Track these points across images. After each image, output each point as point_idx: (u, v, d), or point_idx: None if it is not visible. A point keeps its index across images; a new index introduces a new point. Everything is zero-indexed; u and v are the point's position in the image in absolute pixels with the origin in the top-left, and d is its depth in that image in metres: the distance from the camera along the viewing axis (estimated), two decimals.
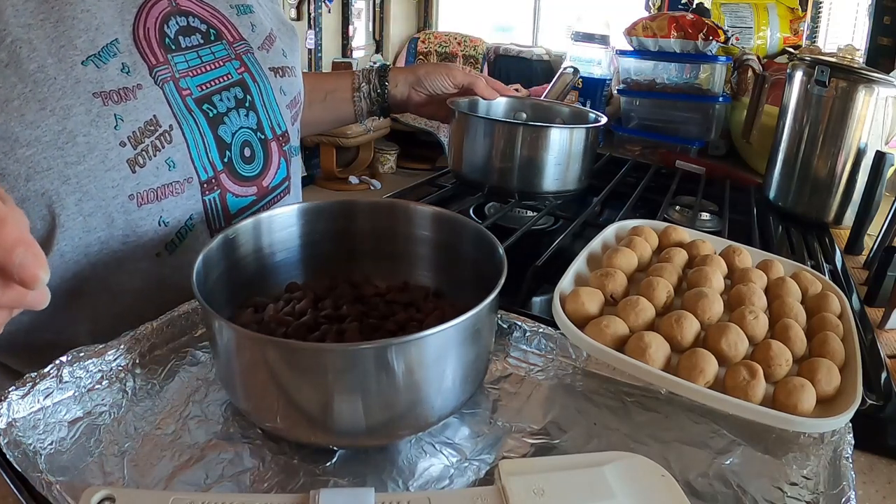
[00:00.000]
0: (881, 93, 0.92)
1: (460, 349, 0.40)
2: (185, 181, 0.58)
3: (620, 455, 0.40)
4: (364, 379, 0.37)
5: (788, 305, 0.53)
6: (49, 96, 0.49)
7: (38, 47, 0.49)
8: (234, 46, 0.65)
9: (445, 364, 0.39)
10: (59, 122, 0.50)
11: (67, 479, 0.37)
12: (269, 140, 0.67)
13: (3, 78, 0.48)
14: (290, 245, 0.55)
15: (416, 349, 0.38)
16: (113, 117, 0.52)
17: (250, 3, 0.70)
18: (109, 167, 0.52)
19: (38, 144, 0.49)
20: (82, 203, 0.53)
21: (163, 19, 0.58)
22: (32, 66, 0.49)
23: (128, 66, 0.54)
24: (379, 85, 0.91)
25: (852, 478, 0.39)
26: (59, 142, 0.50)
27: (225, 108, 0.62)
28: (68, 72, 0.50)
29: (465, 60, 4.49)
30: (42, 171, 0.50)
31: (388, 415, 0.39)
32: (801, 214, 1.03)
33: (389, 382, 0.38)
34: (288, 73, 0.72)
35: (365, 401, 0.38)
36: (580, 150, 0.90)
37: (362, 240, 0.57)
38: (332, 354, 0.38)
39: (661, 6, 2.22)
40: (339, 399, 0.38)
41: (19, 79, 0.48)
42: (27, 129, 0.49)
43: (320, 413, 0.38)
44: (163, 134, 0.55)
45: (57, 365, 0.43)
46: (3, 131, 0.48)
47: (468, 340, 0.40)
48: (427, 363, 0.38)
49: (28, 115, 0.49)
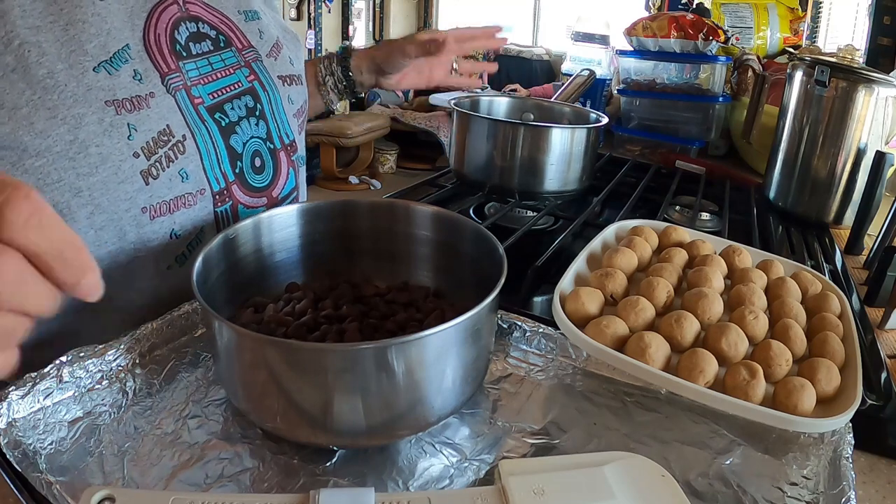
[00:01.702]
0: (881, 93, 0.92)
1: (460, 349, 0.40)
2: (197, 193, 0.56)
3: (620, 455, 0.40)
4: (364, 379, 0.37)
5: (788, 305, 0.53)
6: (59, 104, 0.47)
7: (48, 51, 0.47)
8: (243, 54, 0.64)
9: (445, 364, 0.39)
10: (71, 131, 0.48)
11: (67, 478, 0.37)
12: (278, 150, 0.66)
13: (11, 84, 0.46)
14: (290, 245, 0.55)
15: (415, 349, 0.38)
16: (126, 127, 0.50)
17: (257, 10, 0.69)
18: (122, 179, 0.51)
19: (49, 154, 0.47)
20: (94, 216, 0.51)
21: (173, 25, 0.57)
22: (42, 72, 0.47)
23: (140, 73, 0.52)
24: (344, 77, 0.88)
25: (852, 478, 0.39)
26: (71, 152, 0.48)
27: (237, 117, 0.61)
28: (79, 78, 0.48)
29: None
30: (52, 183, 0.48)
31: (388, 415, 0.39)
32: (801, 214, 1.03)
33: (389, 382, 0.38)
34: (295, 81, 0.71)
35: (365, 401, 0.38)
36: (581, 150, 0.90)
37: (362, 239, 0.57)
38: (332, 354, 0.38)
39: (661, 6, 2.22)
40: (338, 399, 0.38)
41: (27, 85, 0.46)
42: (37, 139, 0.47)
43: (320, 413, 0.38)
44: (176, 144, 0.54)
45: (57, 365, 0.43)
46: (11, 140, 0.46)
47: (468, 340, 0.40)
48: (427, 363, 0.38)
49: (37, 123, 0.46)
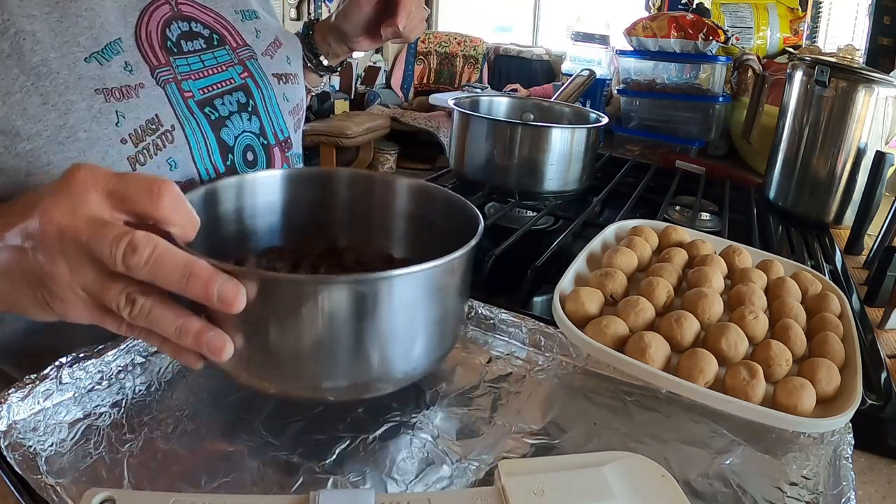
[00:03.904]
0: (881, 93, 0.92)
1: (432, 298, 0.41)
2: (186, 182, 0.57)
3: (620, 455, 0.40)
4: (336, 317, 0.38)
5: (788, 305, 0.53)
6: (51, 90, 0.49)
7: (42, 40, 0.49)
8: (237, 52, 0.65)
9: (416, 310, 0.41)
10: (61, 116, 0.49)
11: (68, 480, 0.37)
12: (271, 145, 0.67)
13: (6, 69, 0.48)
14: (271, 210, 0.56)
15: (387, 287, 0.38)
16: (115, 114, 0.52)
17: (256, 9, 0.70)
18: (110, 164, 0.52)
19: (39, 139, 0.49)
20: None
21: (164, 23, 0.58)
22: (35, 59, 0.48)
23: (130, 64, 0.54)
24: (314, 56, 0.85)
25: (852, 478, 0.39)
26: (60, 137, 0.50)
27: (227, 112, 0.62)
28: (71, 67, 0.50)
29: (466, 60, 4.49)
30: (42, 167, 0.50)
31: (364, 360, 0.39)
32: (801, 214, 1.03)
33: (361, 322, 0.38)
34: (291, 79, 0.72)
35: (340, 343, 0.38)
36: (581, 150, 0.90)
37: (341, 210, 0.58)
38: (304, 285, 0.38)
39: (661, 6, 2.22)
40: (312, 337, 0.38)
41: (21, 71, 0.48)
42: (28, 123, 0.48)
43: (292, 358, 0.39)
44: (164, 133, 0.55)
45: (56, 366, 0.43)
46: (4, 125, 0.48)
47: (435, 295, 0.41)
48: (397, 306, 0.39)
49: (29, 108, 0.48)
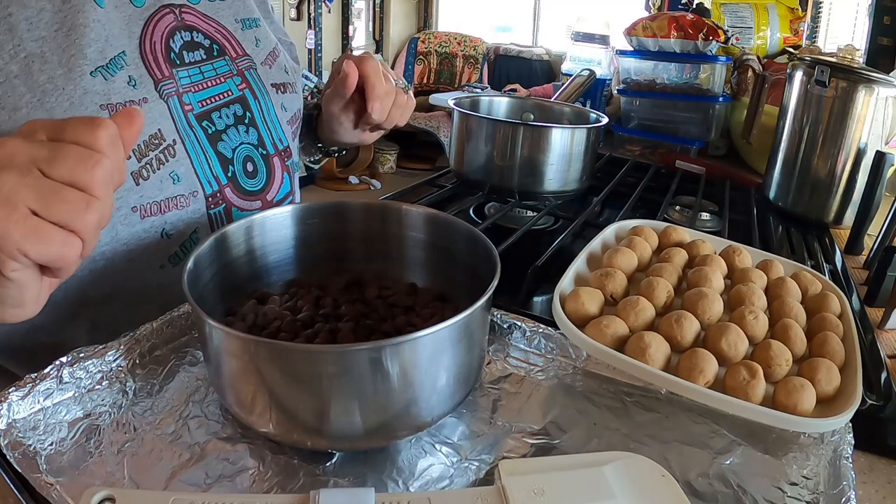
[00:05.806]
0: (881, 93, 0.92)
1: (454, 350, 0.40)
2: (190, 195, 0.58)
3: (620, 455, 0.40)
4: (353, 381, 0.37)
5: (788, 305, 0.53)
6: (56, 106, 0.50)
7: (50, 59, 0.50)
8: (236, 62, 0.65)
9: (439, 365, 0.39)
10: None
11: (68, 479, 0.37)
12: (271, 155, 0.68)
13: (13, 88, 0.49)
14: (283, 246, 0.55)
15: (407, 350, 0.37)
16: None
17: (257, 17, 0.70)
18: None
19: None
20: None
21: (168, 33, 0.59)
22: (42, 78, 0.49)
23: (134, 79, 0.54)
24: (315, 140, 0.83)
25: (852, 478, 0.39)
26: None
27: (223, 125, 0.62)
28: (77, 82, 0.51)
29: (465, 60, 4.49)
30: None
31: (382, 417, 0.39)
32: (801, 214, 1.03)
33: (381, 384, 0.37)
34: (289, 89, 0.72)
35: (356, 402, 0.38)
36: (581, 150, 0.90)
37: (355, 241, 0.57)
38: (318, 356, 0.37)
39: (661, 6, 2.22)
40: (326, 401, 0.37)
41: (28, 89, 0.49)
42: None
43: (310, 416, 0.38)
44: (167, 148, 0.56)
45: (57, 366, 0.43)
46: None
47: (461, 341, 0.40)
48: (420, 364, 0.38)
49: None
